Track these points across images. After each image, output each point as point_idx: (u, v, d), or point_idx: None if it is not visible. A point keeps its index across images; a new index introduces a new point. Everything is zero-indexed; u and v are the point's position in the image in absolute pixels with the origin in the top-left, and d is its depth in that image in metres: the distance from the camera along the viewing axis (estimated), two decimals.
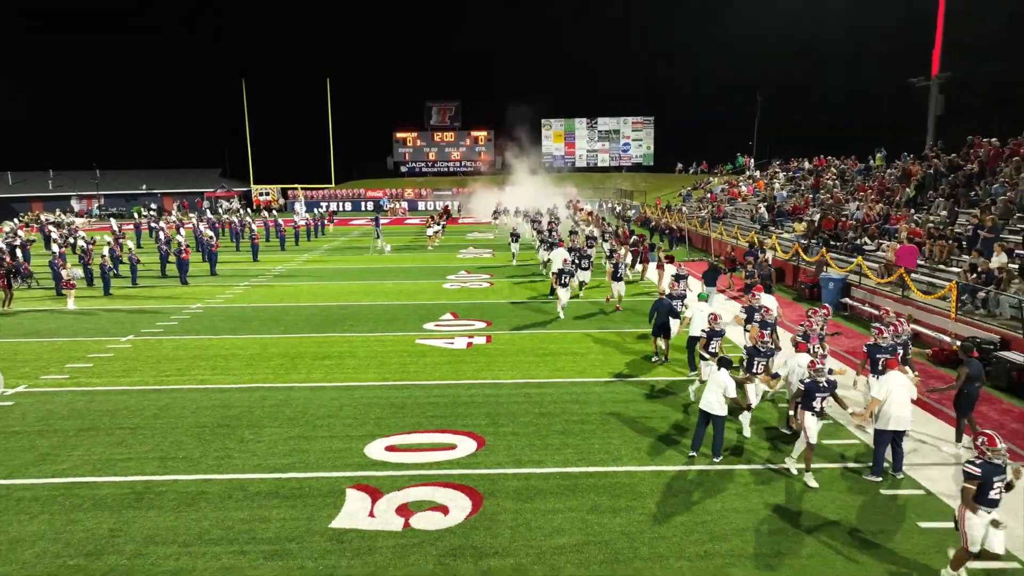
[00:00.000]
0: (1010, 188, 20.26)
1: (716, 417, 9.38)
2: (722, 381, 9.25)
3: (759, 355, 10.26)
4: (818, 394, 8.81)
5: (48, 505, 8.49)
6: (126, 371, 14.15)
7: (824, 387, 8.84)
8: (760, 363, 10.28)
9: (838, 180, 32.40)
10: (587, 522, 7.91)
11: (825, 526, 7.84)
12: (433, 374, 13.66)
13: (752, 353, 10.27)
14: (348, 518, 8.07)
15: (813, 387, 8.82)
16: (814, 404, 8.84)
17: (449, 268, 27.88)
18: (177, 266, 25.30)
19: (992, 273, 14.92)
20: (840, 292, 18.99)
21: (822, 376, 8.86)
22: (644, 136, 68.14)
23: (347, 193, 64.92)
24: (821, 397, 8.85)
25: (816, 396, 8.82)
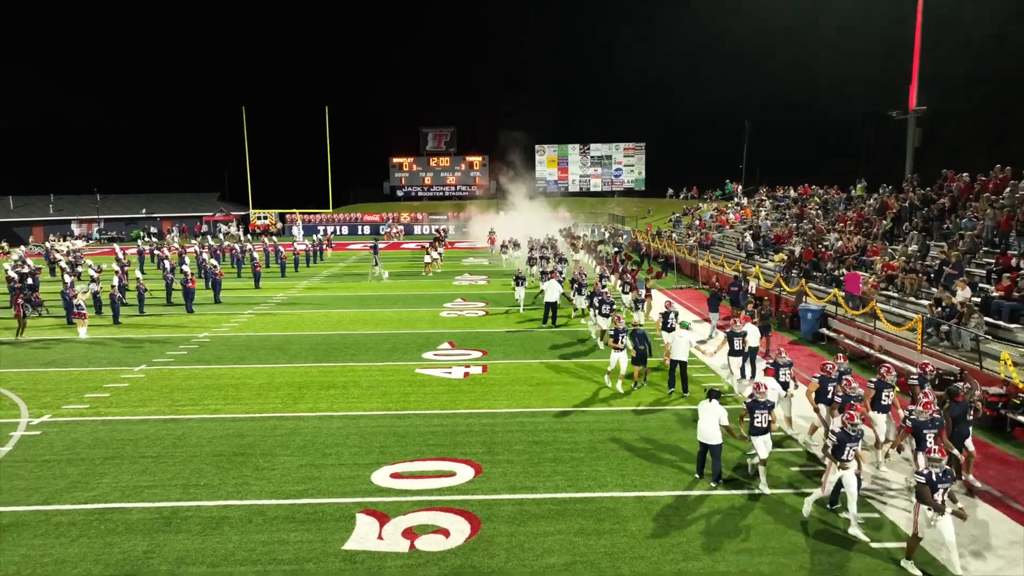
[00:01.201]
0: (978, 223, 21.40)
1: (713, 446, 10.26)
2: (716, 411, 10.15)
3: (850, 440, 8.91)
4: (849, 444, 8.77)
5: (85, 529, 9.33)
6: (142, 401, 15.01)
7: (854, 437, 8.81)
8: (851, 449, 8.94)
9: (821, 210, 33.61)
10: (575, 544, 8.79)
11: (793, 550, 8.74)
12: (433, 403, 14.56)
13: (843, 439, 8.93)
14: (359, 541, 8.94)
15: (845, 438, 8.77)
16: (845, 456, 8.82)
17: (446, 296, 28.82)
18: (183, 295, 26.17)
19: (955, 307, 15.95)
20: (818, 322, 20.01)
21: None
22: (636, 161, 69.57)
23: (344, 217, 65.99)
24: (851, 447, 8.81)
25: (847, 446, 8.77)
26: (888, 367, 11.08)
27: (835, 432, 8.88)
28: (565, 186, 70.90)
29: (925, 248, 21.85)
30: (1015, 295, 15.90)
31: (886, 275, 20.53)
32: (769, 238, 31.50)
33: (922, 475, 7.91)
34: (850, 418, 8.94)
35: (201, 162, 75.33)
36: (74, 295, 23.04)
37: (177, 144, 76.58)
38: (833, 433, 8.94)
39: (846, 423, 8.94)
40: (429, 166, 71.89)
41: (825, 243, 26.54)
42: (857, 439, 8.84)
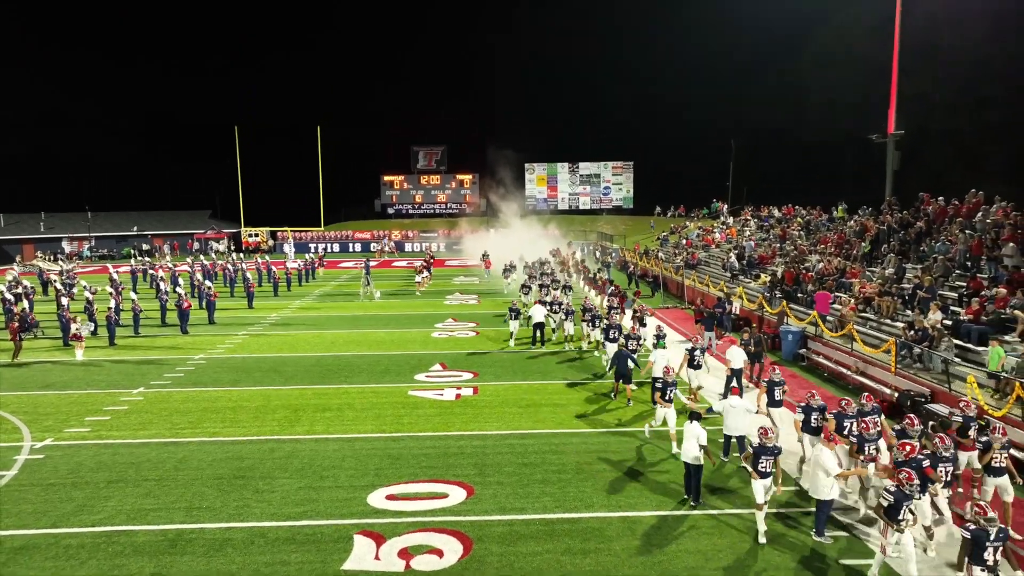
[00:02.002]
0: (952, 246, 22.19)
1: (694, 466, 10.77)
2: (695, 432, 10.62)
3: (906, 499, 8.37)
4: (905, 504, 8.33)
5: (94, 552, 9.75)
6: (142, 424, 15.41)
7: (909, 496, 8.36)
8: (908, 508, 8.43)
9: (803, 231, 34.45)
10: (562, 563, 9.31)
11: (768, 568, 9.28)
12: (425, 425, 15.06)
13: (899, 498, 8.38)
14: (357, 561, 9.42)
15: (901, 497, 8.33)
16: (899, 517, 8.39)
17: (436, 316, 29.33)
18: (178, 316, 26.53)
19: (927, 331, 16.64)
20: (798, 343, 20.67)
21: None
22: (624, 180, 70.57)
23: (335, 235, 66.43)
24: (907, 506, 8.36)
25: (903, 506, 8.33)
26: (911, 419, 10.54)
27: (889, 491, 8.37)
28: (554, 204, 71.75)
29: (901, 271, 22.60)
30: (983, 319, 16.62)
31: (863, 297, 21.25)
32: (753, 259, 32.25)
33: (970, 532, 7.55)
34: (908, 477, 8.34)
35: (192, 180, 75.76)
36: (71, 318, 23.38)
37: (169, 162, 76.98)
38: (887, 491, 8.39)
39: (903, 482, 8.33)
40: (420, 184, 72.58)
41: (807, 264, 27.30)
42: (911, 497, 8.31)
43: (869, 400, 11.60)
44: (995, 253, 19.73)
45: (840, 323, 19.76)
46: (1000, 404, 13.24)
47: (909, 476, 8.36)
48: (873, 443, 10.65)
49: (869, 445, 10.63)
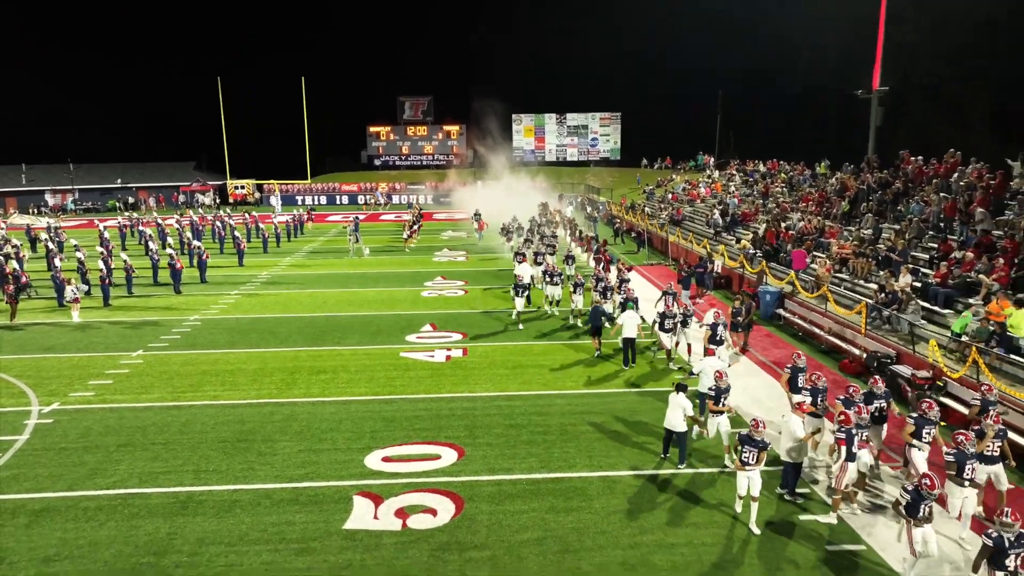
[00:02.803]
0: (927, 207, 22.81)
1: (679, 433, 11.47)
2: (681, 403, 11.31)
3: (923, 500, 8.37)
4: (923, 503, 8.35)
5: (111, 514, 10.46)
6: (144, 388, 16.02)
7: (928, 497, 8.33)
8: (927, 507, 8.44)
9: (786, 187, 34.96)
10: (546, 520, 10.12)
11: (737, 524, 10.15)
12: (417, 387, 15.77)
13: (916, 498, 8.38)
14: (357, 520, 10.19)
15: (919, 498, 8.34)
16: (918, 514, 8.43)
17: (426, 274, 29.88)
18: (171, 275, 26.88)
19: (896, 293, 17.39)
20: (775, 303, 21.45)
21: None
22: (611, 131, 70.43)
23: (322, 187, 66.21)
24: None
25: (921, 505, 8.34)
26: (930, 403, 10.44)
27: (908, 489, 8.43)
28: (542, 155, 71.62)
29: (878, 231, 23.26)
30: (950, 282, 17.37)
31: (839, 258, 21.95)
32: (737, 216, 32.81)
33: (990, 538, 7.39)
34: (931, 486, 8.26)
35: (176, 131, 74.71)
36: (65, 280, 23.69)
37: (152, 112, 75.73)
38: (906, 490, 8.44)
39: (923, 485, 8.31)
40: (406, 135, 72.05)
41: (788, 223, 27.89)
42: (931, 499, 8.32)
43: (875, 383, 11.56)
44: (967, 217, 20.36)
45: (816, 284, 20.49)
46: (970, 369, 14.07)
47: (931, 483, 8.26)
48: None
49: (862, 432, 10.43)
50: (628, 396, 15.15)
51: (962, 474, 9.11)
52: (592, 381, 16.11)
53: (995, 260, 17.13)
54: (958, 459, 9.12)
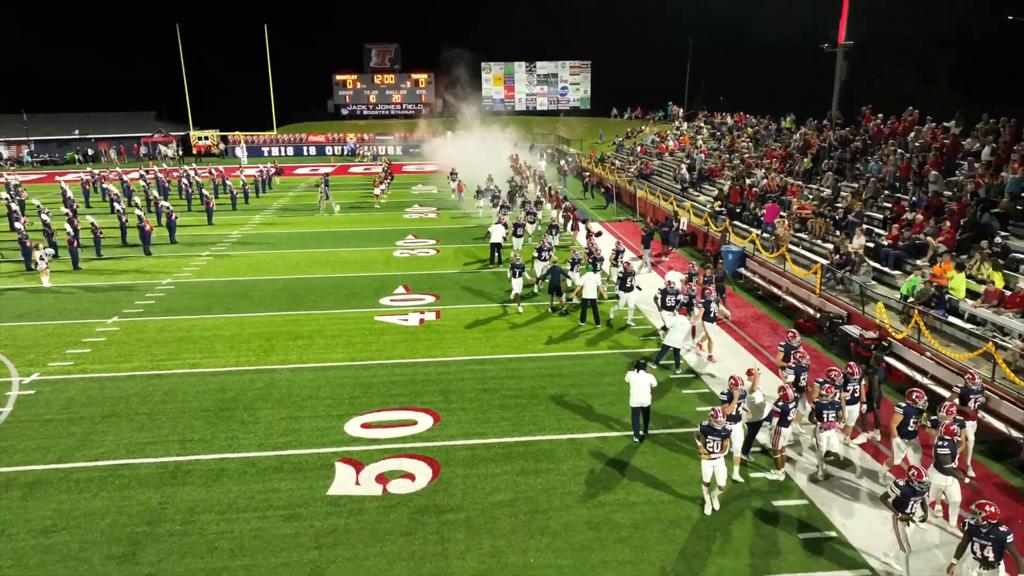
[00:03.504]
0: (884, 167, 23.57)
1: (645, 409, 11.93)
2: (646, 379, 11.69)
3: (914, 494, 8.39)
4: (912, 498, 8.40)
5: (103, 485, 10.94)
6: (123, 356, 16.31)
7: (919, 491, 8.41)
8: (915, 503, 8.44)
9: (752, 142, 35.51)
10: (517, 483, 10.86)
11: (692, 481, 10.98)
12: (392, 352, 16.31)
13: (907, 492, 8.41)
14: (340, 486, 10.82)
15: (909, 492, 8.37)
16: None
17: (397, 232, 30.10)
18: (140, 237, 26.76)
19: (850, 255, 18.22)
20: (737, 262, 22.23)
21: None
22: (581, 80, 69.95)
23: (289, 138, 65.13)
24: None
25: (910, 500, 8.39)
26: (920, 392, 10.39)
27: (898, 484, 8.46)
28: (512, 105, 71.02)
29: (837, 190, 24.02)
30: (900, 244, 18.23)
31: (799, 217, 22.71)
32: (704, 171, 33.36)
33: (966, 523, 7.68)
34: (918, 475, 8.39)
35: (135, 80, 72.31)
36: (32, 245, 23.52)
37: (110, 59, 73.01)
38: (896, 485, 8.48)
39: (912, 478, 8.37)
40: (374, 84, 70.74)
41: (752, 179, 28.52)
42: (921, 493, 8.38)
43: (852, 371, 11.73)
44: (919, 178, 21.13)
45: (776, 244, 21.25)
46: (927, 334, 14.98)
47: (919, 473, 8.40)
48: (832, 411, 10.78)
49: (828, 412, 10.76)
50: (596, 359, 15.87)
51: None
52: (561, 343, 16.78)
53: (943, 223, 18.00)
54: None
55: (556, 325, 18.07)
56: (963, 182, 19.75)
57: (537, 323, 18.26)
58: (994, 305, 14.18)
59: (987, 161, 20.27)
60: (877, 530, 9.54)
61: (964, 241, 17.15)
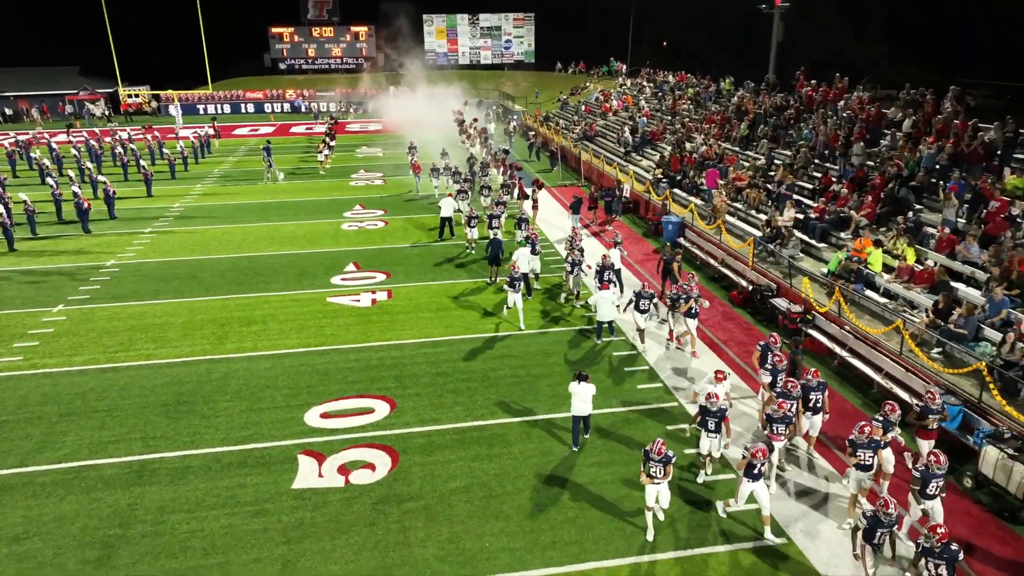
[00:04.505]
0: (815, 136, 24.61)
1: (585, 417, 12.21)
2: (589, 390, 11.74)
3: (882, 526, 8.59)
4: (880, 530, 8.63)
5: (69, 488, 11.26)
6: (74, 348, 16.31)
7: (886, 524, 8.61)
8: (883, 534, 8.71)
9: (692, 104, 36.25)
10: (472, 468, 11.63)
11: (630, 461, 11.93)
12: (347, 336, 16.75)
13: (874, 523, 8.62)
14: (303, 479, 11.40)
15: (876, 523, 8.57)
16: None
17: (344, 202, 30.04)
18: (77, 214, 26.07)
19: (780, 229, 19.27)
20: (677, 232, 23.16)
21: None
22: (525, 33, 69.15)
23: (225, 95, 62.96)
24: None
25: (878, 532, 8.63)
26: (892, 405, 10.58)
27: (866, 515, 8.65)
28: (455, 59, 69.91)
29: (771, 159, 25.03)
30: (827, 217, 19.35)
31: (736, 187, 23.67)
32: (646, 134, 34.01)
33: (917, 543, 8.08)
34: (884, 504, 8.51)
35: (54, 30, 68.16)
36: None
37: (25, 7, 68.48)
38: (864, 516, 8.67)
39: (879, 509, 8.51)
40: (312, 37, 68.54)
41: (692, 145, 29.33)
42: (890, 526, 8.57)
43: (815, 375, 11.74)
44: (845, 149, 22.21)
45: (713, 214, 22.20)
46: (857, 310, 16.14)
47: (886, 504, 8.53)
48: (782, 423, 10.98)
49: (777, 426, 11.01)
50: (544, 338, 16.62)
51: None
52: (509, 323, 17.46)
53: (865, 196, 19.14)
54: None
55: (504, 302, 18.68)
56: (885, 154, 20.92)
57: (488, 302, 18.86)
58: (905, 280, 15.42)
59: (907, 134, 21.46)
60: (826, 537, 10.24)
61: (883, 215, 18.35)
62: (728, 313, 18.03)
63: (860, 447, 9.79)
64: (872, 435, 9.86)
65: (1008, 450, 10.48)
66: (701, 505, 10.73)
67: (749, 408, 13.39)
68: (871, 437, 9.83)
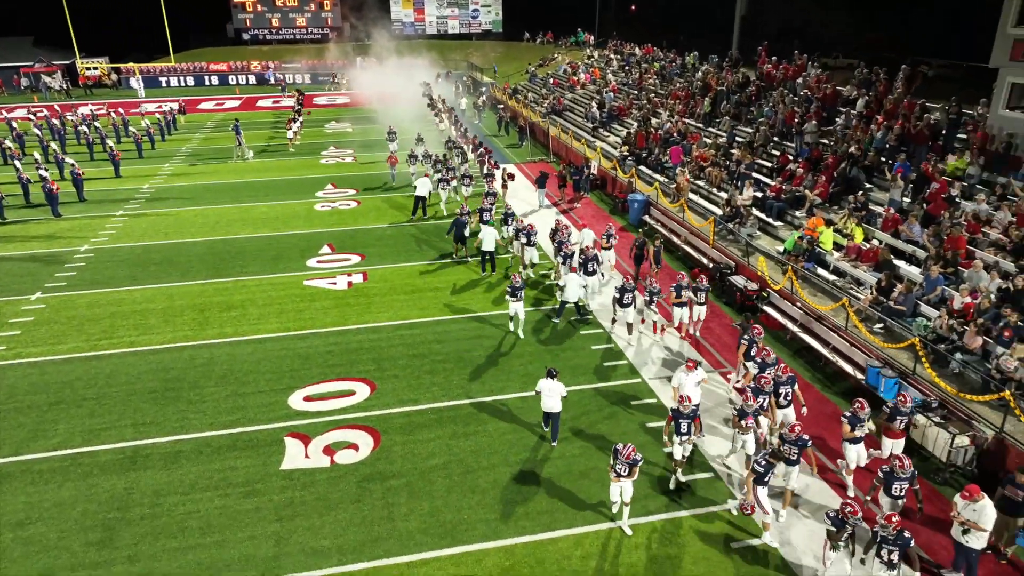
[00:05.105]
0: (775, 113, 25.45)
1: (555, 415, 12.30)
2: (556, 388, 12.01)
3: (842, 524, 8.95)
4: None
5: (66, 474, 11.84)
6: (56, 337, 16.68)
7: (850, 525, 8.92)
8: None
9: (658, 79, 36.84)
10: (450, 446, 12.44)
11: (600, 435, 12.85)
12: (325, 320, 17.34)
13: (838, 525, 8.98)
14: (291, 460, 12.12)
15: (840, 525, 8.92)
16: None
17: (316, 181, 30.27)
18: (46, 198, 25.98)
19: (739, 208, 20.18)
20: (643, 210, 23.97)
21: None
22: (492, 1, 68.62)
23: (188, 67, 61.79)
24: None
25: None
26: (861, 403, 10.91)
27: (829, 516, 9.02)
28: (423, 28, 69.23)
29: (732, 136, 25.85)
30: (783, 196, 20.28)
31: (698, 166, 24.49)
32: (613, 110, 34.58)
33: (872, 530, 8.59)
34: (853, 512, 8.81)
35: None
36: None
37: None
38: (828, 517, 9.04)
39: (848, 515, 8.82)
40: (275, 6, 67.25)
41: (657, 121, 30.01)
42: (852, 527, 8.93)
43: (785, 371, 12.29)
44: (800, 127, 23.07)
45: (677, 193, 23.03)
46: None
47: (855, 511, 8.83)
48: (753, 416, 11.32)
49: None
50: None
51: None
52: (482, 303, 18.19)
53: (819, 176, 20.08)
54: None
55: (477, 285, 19.41)
56: (839, 133, 21.85)
57: (460, 282, 19.54)
58: (853, 259, 16.45)
59: (859, 113, 22.41)
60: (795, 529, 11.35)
61: (835, 194, 19.34)
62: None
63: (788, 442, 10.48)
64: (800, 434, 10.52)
65: (935, 418, 11.60)
66: (666, 472, 11.70)
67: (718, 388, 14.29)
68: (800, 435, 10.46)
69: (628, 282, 15.84)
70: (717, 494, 11.18)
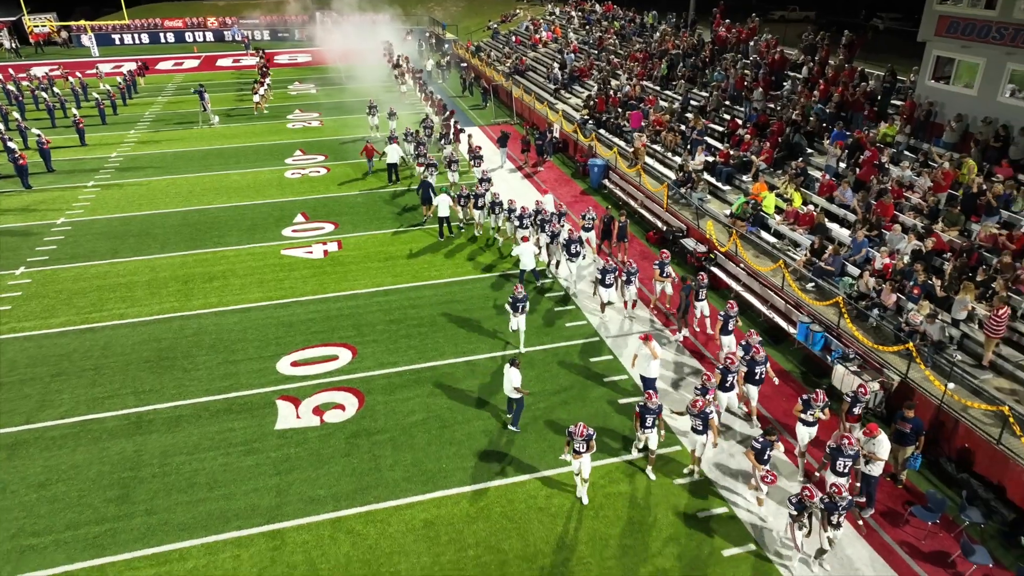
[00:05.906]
0: (727, 77, 26.62)
1: (515, 400, 12.90)
2: (512, 376, 12.55)
3: (836, 509, 9.47)
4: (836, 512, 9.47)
5: (77, 440, 12.98)
6: (47, 311, 17.53)
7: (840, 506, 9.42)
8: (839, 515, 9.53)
9: (618, 39, 37.60)
10: (428, 404, 13.83)
11: (569, 386, 14.34)
12: (305, 288, 18.43)
13: (831, 507, 9.50)
14: (284, 421, 13.40)
15: (832, 507, 9.41)
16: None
17: (284, 147, 30.80)
18: (16, 171, 26.21)
19: (691, 173, 21.52)
20: (603, 174, 25.19)
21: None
22: None
23: (142, 24, 60.33)
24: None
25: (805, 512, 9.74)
26: (817, 394, 11.56)
27: (791, 500, 9.60)
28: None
29: (686, 101, 27.00)
30: (731, 162, 21.65)
31: (654, 130, 25.69)
32: (575, 71, 35.36)
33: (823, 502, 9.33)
34: (838, 491, 9.41)
35: None
36: None
37: None
38: (790, 502, 9.66)
39: (835, 494, 9.37)
40: None
41: (617, 83, 30.96)
42: (809, 508, 9.59)
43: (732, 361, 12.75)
44: (749, 92, 24.34)
45: (635, 157, 24.25)
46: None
47: (839, 491, 9.48)
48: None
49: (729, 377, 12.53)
50: (484, 282, 18.69)
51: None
52: (453, 268, 19.42)
53: (764, 141, 21.46)
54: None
55: (446, 251, 20.59)
56: (786, 99, 23.19)
57: (431, 249, 20.70)
58: (791, 223, 17.98)
59: (804, 79, 23.74)
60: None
61: (779, 159, 20.77)
62: (645, 252, 20.40)
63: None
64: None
65: (852, 367, 13.31)
66: (626, 417, 13.28)
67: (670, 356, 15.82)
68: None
69: (609, 263, 16.38)
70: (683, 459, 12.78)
